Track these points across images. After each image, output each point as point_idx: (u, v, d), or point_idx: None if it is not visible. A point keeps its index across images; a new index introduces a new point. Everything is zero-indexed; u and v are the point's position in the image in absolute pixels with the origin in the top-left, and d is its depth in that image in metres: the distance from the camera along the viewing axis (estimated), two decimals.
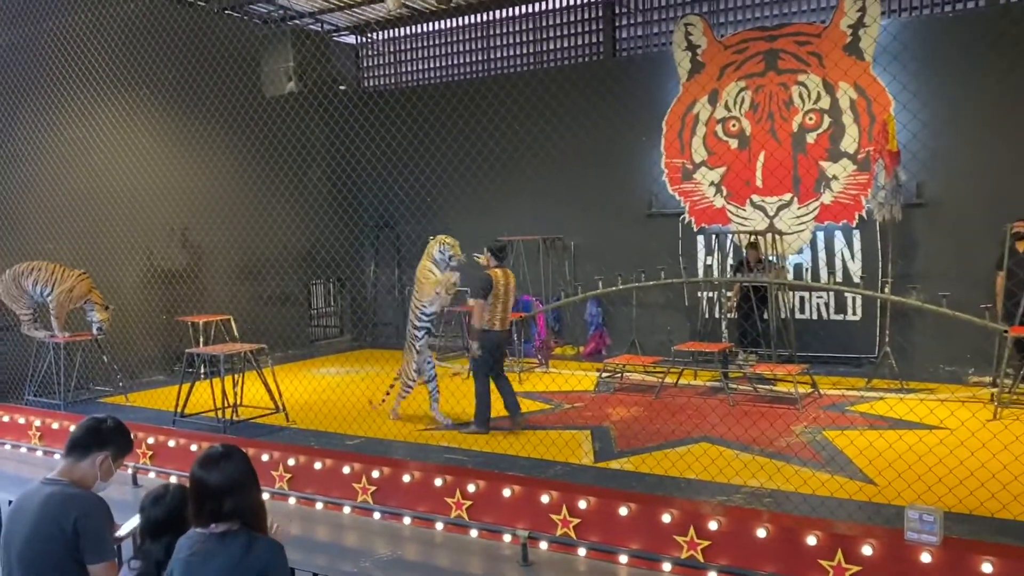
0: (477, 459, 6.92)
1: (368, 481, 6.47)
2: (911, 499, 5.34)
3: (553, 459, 6.80)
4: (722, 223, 11.62)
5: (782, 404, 8.80)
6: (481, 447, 7.31)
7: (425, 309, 8.27)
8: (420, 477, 6.24)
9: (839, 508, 5.43)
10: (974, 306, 9.21)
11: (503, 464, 6.71)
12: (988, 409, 8.19)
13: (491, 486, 5.99)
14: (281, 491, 6.69)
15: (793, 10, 11.49)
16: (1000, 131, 9.86)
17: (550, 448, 7.03)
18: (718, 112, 11.54)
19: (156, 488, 3.27)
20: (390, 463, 6.54)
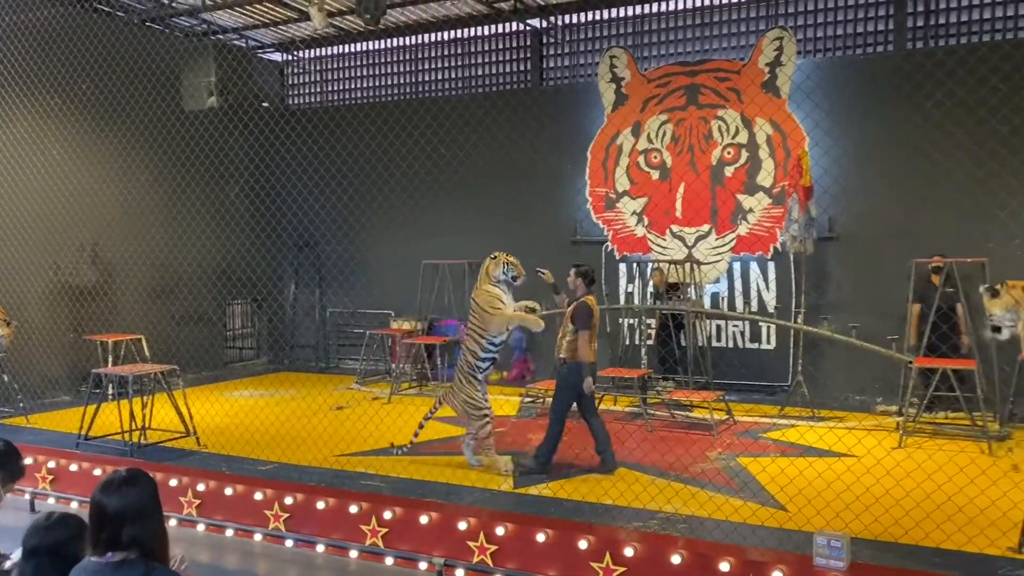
0: (395, 485, 6.81)
1: (281, 508, 6.30)
2: (820, 525, 5.47)
3: (472, 485, 6.74)
4: (643, 252, 11.83)
5: (698, 430, 8.94)
6: (399, 473, 7.19)
7: (494, 339, 7.34)
8: (335, 504, 6.11)
9: (752, 534, 5.52)
10: (882, 337, 9.58)
11: (421, 490, 6.61)
12: (894, 437, 8.48)
13: (408, 513, 5.90)
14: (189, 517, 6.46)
15: (714, 47, 11.84)
16: (906, 169, 10.32)
17: (469, 474, 6.97)
18: (641, 143, 11.79)
19: (40, 516, 3.09)
20: (304, 489, 6.39)
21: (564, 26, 12.80)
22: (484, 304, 7.27)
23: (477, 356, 7.34)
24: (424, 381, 11.66)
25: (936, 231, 9.92)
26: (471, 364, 7.37)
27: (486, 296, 7.29)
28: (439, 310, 12.33)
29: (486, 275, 7.40)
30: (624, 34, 12.43)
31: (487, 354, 7.37)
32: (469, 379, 7.39)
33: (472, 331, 7.41)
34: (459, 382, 7.44)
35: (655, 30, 12.24)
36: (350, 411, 9.39)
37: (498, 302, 7.24)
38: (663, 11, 12.11)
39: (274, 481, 6.63)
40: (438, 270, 12.09)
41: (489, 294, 7.28)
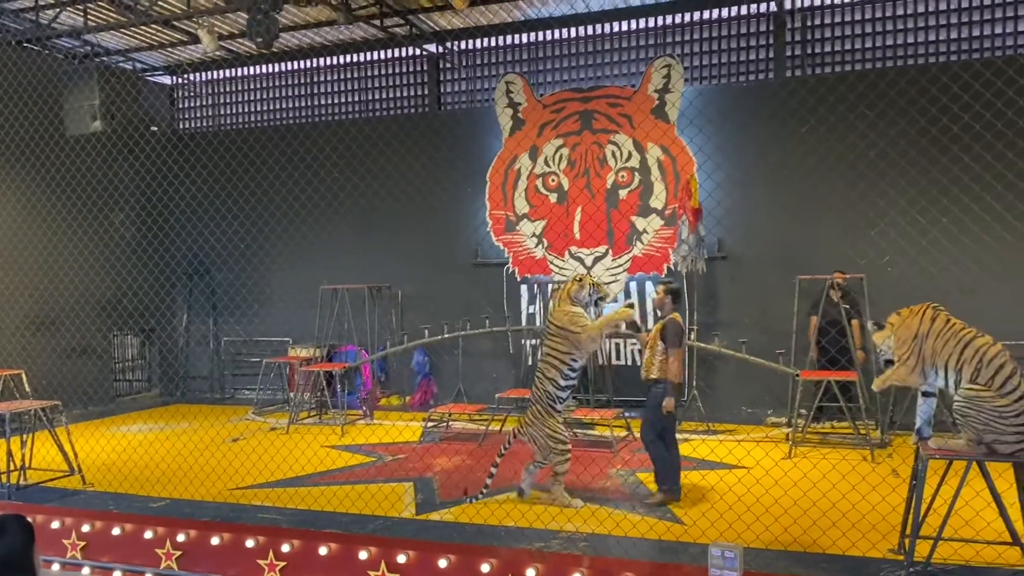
0: (293, 518, 6.65)
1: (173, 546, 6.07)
2: (715, 536, 5.64)
3: (373, 513, 6.65)
4: (543, 273, 11.99)
5: (599, 448, 9.08)
6: (297, 504, 7.04)
7: (575, 364, 6.96)
8: (230, 539, 5.93)
9: (650, 548, 5.64)
10: (770, 351, 9.98)
11: (321, 521, 6.49)
12: (783, 448, 8.83)
13: (306, 545, 5.78)
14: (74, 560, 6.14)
15: (606, 74, 12.18)
16: (787, 191, 10.83)
17: (369, 503, 6.88)
18: (538, 167, 11.98)
19: None
20: (197, 525, 6.17)
21: (460, 51, 12.92)
22: (568, 323, 6.88)
23: (558, 385, 6.97)
24: (324, 409, 11.45)
25: (816, 249, 10.42)
26: (551, 394, 6.99)
27: (569, 316, 6.91)
28: (338, 336, 12.15)
29: (567, 296, 7.03)
30: (520, 60, 12.65)
31: (568, 382, 7.00)
32: (549, 411, 7.02)
33: (551, 358, 6.98)
34: (538, 415, 7.04)
35: (550, 56, 12.50)
36: (246, 442, 9.14)
37: (582, 319, 6.91)
38: (557, 38, 12.38)
39: (166, 518, 6.38)
40: (337, 295, 11.93)
41: (571, 313, 6.91)
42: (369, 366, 12.11)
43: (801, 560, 5.44)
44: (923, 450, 5.27)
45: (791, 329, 9.97)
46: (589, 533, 6.04)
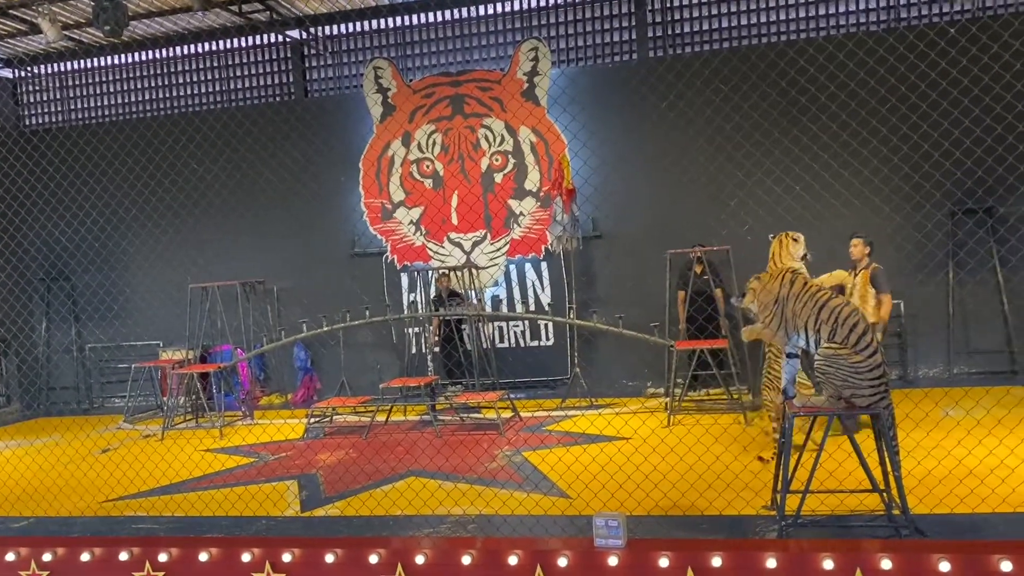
0: (171, 526, 6.38)
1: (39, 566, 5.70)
2: (599, 507, 5.75)
3: (255, 515, 6.45)
4: (423, 260, 11.90)
5: (487, 431, 9.12)
6: (174, 512, 6.74)
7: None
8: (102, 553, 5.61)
9: (537, 524, 5.70)
10: (645, 325, 10.23)
11: (201, 527, 6.24)
12: (662, 417, 9.10)
13: (185, 552, 5.54)
14: None
15: (475, 57, 12.16)
16: (655, 168, 11.13)
17: (250, 503, 6.67)
18: (412, 154, 11.86)
19: None
20: (66, 542, 5.81)
21: (325, 37, 12.61)
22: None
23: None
24: (200, 412, 11.01)
25: (685, 224, 10.77)
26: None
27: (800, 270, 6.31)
28: (212, 336, 11.70)
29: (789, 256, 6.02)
30: (387, 45, 12.46)
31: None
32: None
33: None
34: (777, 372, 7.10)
35: (418, 41, 12.37)
36: (117, 452, 8.69)
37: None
38: (424, 22, 12.25)
39: (29, 538, 5.98)
40: (207, 294, 11.48)
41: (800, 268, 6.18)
42: (246, 365, 11.73)
43: (682, 523, 5.63)
44: (788, 408, 5.52)
45: (665, 302, 10.27)
46: (477, 515, 6.05)
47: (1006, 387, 9.40)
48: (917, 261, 9.94)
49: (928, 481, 5.81)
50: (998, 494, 5.49)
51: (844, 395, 5.33)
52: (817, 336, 5.44)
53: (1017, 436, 6.25)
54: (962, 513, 5.35)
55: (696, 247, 10.11)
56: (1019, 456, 5.84)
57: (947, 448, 6.06)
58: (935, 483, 5.78)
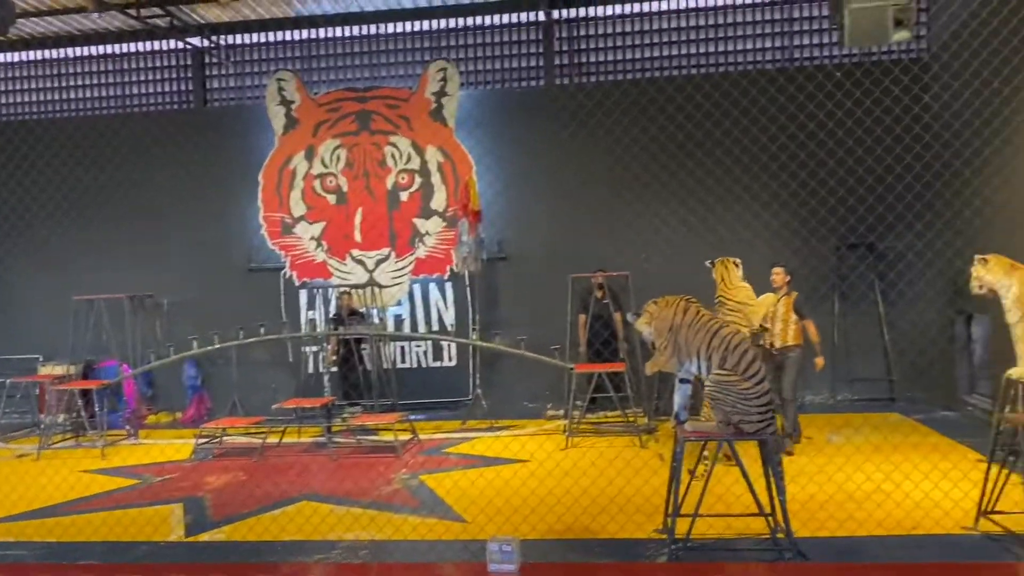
0: (42, 552, 6.01)
1: None
2: (493, 531, 5.70)
3: (135, 540, 6.15)
4: (324, 277, 11.69)
5: (384, 453, 8.98)
6: (45, 537, 6.36)
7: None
8: None
9: (431, 550, 5.63)
10: (547, 347, 10.30)
11: (76, 553, 5.90)
12: (561, 439, 9.15)
13: None
14: None
15: (383, 75, 12.08)
16: (561, 193, 11.27)
17: (130, 528, 6.35)
18: (315, 168, 11.67)
19: None
20: None
21: (228, 46, 12.30)
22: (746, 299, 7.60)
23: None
24: (80, 431, 10.46)
25: (587, 249, 10.91)
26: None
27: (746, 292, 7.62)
28: (97, 350, 11.14)
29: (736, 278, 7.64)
30: (292, 57, 12.25)
31: None
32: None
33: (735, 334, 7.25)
34: None
35: (324, 55, 12.21)
36: None
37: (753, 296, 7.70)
38: (331, 37, 12.11)
39: None
40: (93, 307, 10.94)
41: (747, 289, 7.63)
42: (133, 382, 11.22)
43: (575, 547, 5.65)
44: (680, 433, 5.64)
45: (566, 325, 10.38)
46: (370, 540, 5.93)
47: (884, 414, 9.90)
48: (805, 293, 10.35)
49: (811, 505, 6.01)
50: (874, 518, 5.74)
51: (733, 420, 5.48)
52: (708, 363, 5.58)
53: (892, 462, 6.55)
54: (842, 536, 5.56)
55: (597, 272, 10.28)
56: (894, 481, 6.11)
57: (829, 473, 6.30)
58: (817, 507, 5.98)
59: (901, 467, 6.32)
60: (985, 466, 5.72)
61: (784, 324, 8.19)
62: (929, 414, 9.91)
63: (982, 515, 5.69)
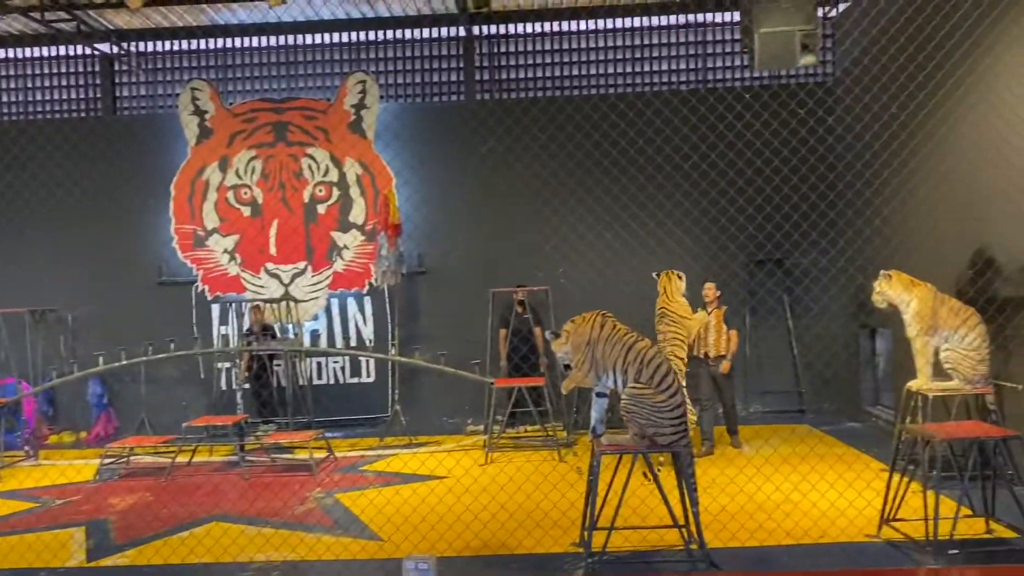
0: None
1: None
2: (410, 549, 5.64)
3: (32, 566, 5.85)
4: (237, 291, 11.41)
5: (299, 472, 8.78)
6: None
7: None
8: None
9: (345, 569, 5.53)
10: (467, 362, 10.28)
11: None
12: (480, 455, 9.13)
13: None
14: None
15: (300, 85, 11.91)
16: (482, 208, 11.29)
17: (26, 554, 6.04)
18: (229, 179, 11.40)
19: None
20: None
21: (139, 53, 11.95)
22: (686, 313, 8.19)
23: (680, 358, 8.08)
24: None
25: (507, 263, 10.95)
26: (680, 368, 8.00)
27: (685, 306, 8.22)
28: None
29: (678, 289, 8.26)
30: (207, 66, 11.97)
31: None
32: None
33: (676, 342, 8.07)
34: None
35: (240, 64, 11.98)
36: None
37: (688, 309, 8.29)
38: (247, 46, 11.89)
39: None
40: None
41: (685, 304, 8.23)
42: (32, 401, 10.70)
43: (492, 563, 5.63)
44: (596, 447, 5.69)
45: (487, 340, 10.38)
46: (283, 562, 5.78)
47: (793, 425, 10.21)
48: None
49: (722, 516, 6.14)
50: (783, 528, 5.89)
51: (648, 433, 5.56)
52: (624, 377, 5.66)
53: (800, 472, 6.75)
54: (752, 546, 5.69)
55: (518, 287, 10.33)
56: (801, 491, 6.30)
57: (740, 484, 6.45)
58: (729, 518, 6.12)
59: (808, 477, 6.52)
60: (887, 475, 5.95)
61: (718, 335, 8.82)
62: (836, 425, 10.27)
63: (885, 523, 5.91)
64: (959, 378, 6.53)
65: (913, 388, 6.65)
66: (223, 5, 10.64)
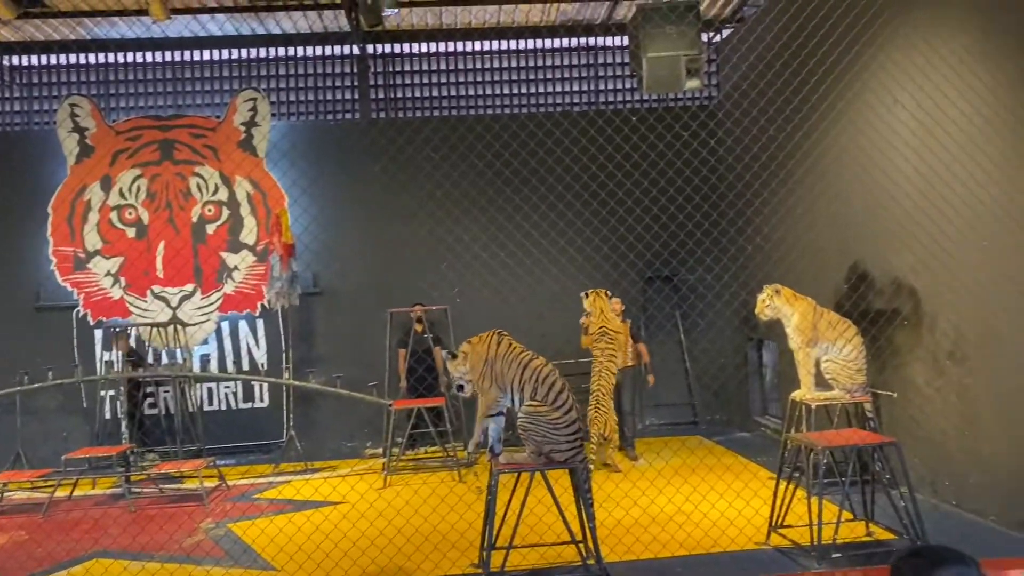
0: None
1: None
2: None
3: None
4: (122, 315, 10.93)
5: (188, 502, 8.45)
6: None
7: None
8: None
9: None
10: (365, 384, 10.14)
11: None
12: (379, 478, 8.99)
13: None
14: None
15: (187, 103, 11.56)
16: (378, 227, 11.17)
17: None
18: (112, 199, 10.94)
19: None
20: None
21: (13, 68, 11.35)
22: (613, 328, 8.73)
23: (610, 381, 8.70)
24: None
25: (405, 282, 10.86)
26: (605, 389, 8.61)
27: (615, 324, 8.76)
28: None
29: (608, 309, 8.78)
30: (88, 82, 11.49)
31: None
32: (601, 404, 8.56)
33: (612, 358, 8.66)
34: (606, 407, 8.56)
35: (122, 80, 11.54)
36: None
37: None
38: (130, 62, 11.47)
39: None
40: None
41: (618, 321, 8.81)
42: None
43: None
44: (494, 466, 5.69)
45: (385, 361, 10.25)
46: None
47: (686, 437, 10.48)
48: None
49: (618, 530, 6.24)
50: (676, 539, 6.03)
51: (544, 451, 5.61)
52: (521, 395, 5.70)
53: (691, 484, 6.93)
54: (647, 559, 5.79)
55: (416, 306, 10.26)
56: (693, 502, 6.46)
57: (634, 498, 6.56)
58: (624, 532, 6.22)
59: (699, 488, 6.71)
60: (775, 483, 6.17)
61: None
62: (727, 435, 10.61)
63: (773, 530, 6.13)
64: (839, 388, 6.87)
65: (797, 398, 6.94)
66: (104, 19, 10.24)
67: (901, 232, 6.97)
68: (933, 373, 6.95)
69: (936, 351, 6.89)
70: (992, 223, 6.02)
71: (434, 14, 10.87)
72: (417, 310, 10.24)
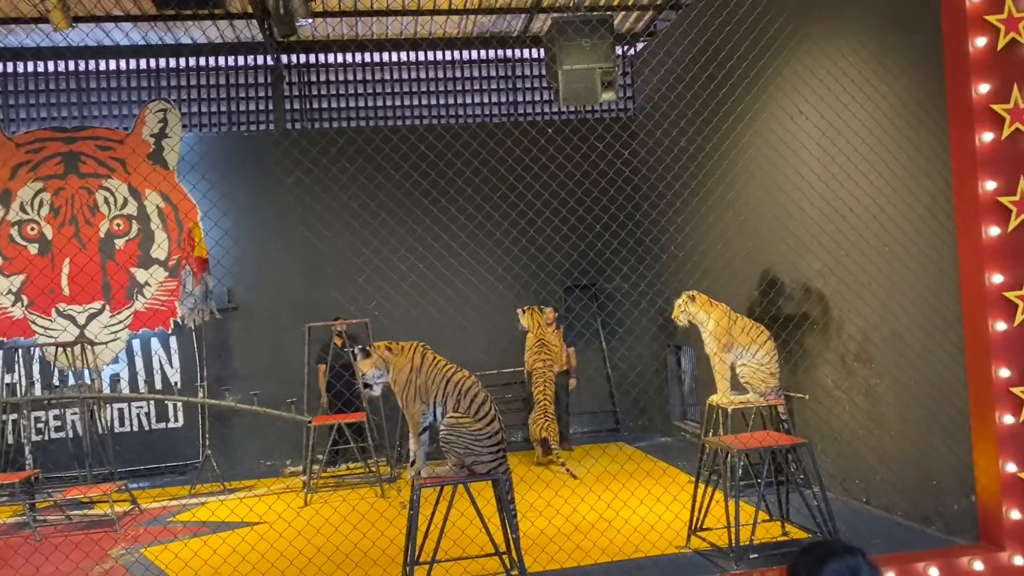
0: None
1: None
2: None
3: None
4: (24, 336, 10.45)
5: (99, 528, 8.10)
6: None
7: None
8: None
9: None
10: (283, 401, 9.91)
11: None
12: (300, 497, 8.80)
13: None
14: None
15: (94, 114, 11.16)
16: (294, 240, 10.94)
17: None
18: (12, 214, 10.46)
19: None
20: None
21: None
22: (552, 341, 9.74)
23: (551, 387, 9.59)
24: None
25: (324, 296, 10.66)
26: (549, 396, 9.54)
27: (556, 337, 9.82)
28: None
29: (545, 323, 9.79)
30: None
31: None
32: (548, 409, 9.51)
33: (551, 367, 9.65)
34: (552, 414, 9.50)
35: (22, 91, 11.07)
36: None
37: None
38: (31, 71, 11.01)
39: None
40: None
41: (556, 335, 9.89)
42: None
43: None
44: (416, 480, 5.64)
45: (304, 376, 10.05)
46: None
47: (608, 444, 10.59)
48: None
49: (541, 540, 6.25)
50: (599, 546, 6.07)
51: (466, 463, 5.59)
52: (444, 408, 5.67)
53: (612, 490, 7.00)
54: (570, 567, 5.82)
55: (335, 320, 10.09)
56: (614, 509, 6.52)
57: (556, 507, 6.60)
58: (547, 541, 6.24)
59: (620, 495, 6.78)
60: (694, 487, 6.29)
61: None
62: (648, 441, 10.77)
63: (692, 533, 6.24)
64: (753, 391, 7.05)
65: (713, 402, 7.10)
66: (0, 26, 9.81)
67: (809, 239, 7.21)
68: (841, 375, 7.21)
69: (844, 353, 7.15)
70: (894, 229, 6.29)
71: (349, 24, 10.78)
72: (337, 324, 10.07)
